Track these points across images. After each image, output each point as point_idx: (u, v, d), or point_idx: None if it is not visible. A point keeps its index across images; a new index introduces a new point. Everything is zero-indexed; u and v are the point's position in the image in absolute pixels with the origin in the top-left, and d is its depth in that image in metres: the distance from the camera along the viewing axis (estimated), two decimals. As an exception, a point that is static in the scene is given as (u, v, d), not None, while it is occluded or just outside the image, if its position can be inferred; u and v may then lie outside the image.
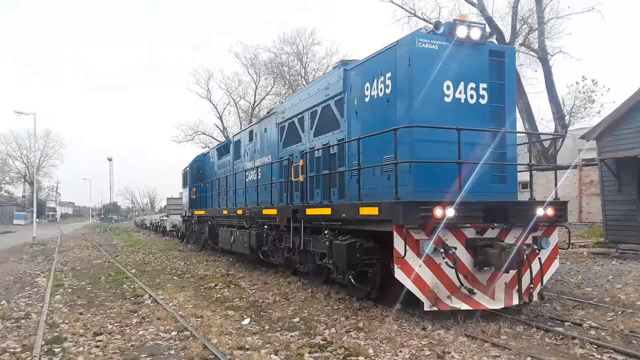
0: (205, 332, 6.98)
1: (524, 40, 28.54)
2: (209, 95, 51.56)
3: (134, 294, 10.32)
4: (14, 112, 34.31)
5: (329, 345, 6.30)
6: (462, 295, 7.30)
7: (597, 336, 6.52)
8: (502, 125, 8.16)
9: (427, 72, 7.69)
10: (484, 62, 8.11)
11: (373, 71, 8.59)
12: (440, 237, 7.16)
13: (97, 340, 6.79)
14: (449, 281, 7.25)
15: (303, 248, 10.11)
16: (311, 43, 43.73)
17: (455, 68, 7.87)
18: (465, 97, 7.97)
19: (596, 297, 9.04)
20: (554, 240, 8.15)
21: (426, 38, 7.82)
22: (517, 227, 7.69)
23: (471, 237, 7.46)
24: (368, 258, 7.96)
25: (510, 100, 8.37)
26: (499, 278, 7.43)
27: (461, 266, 7.28)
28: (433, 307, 7.21)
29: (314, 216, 9.43)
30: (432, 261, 7.18)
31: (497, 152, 8.04)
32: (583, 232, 18.72)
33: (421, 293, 7.14)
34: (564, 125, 27.66)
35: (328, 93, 10.13)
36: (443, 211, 6.94)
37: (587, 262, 13.66)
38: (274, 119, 13.13)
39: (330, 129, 10.09)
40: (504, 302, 7.52)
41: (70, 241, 30.77)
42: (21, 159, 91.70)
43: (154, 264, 16.20)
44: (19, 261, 18.16)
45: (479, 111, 8.02)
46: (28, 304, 9.55)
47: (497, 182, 8.21)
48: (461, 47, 7.92)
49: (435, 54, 7.76)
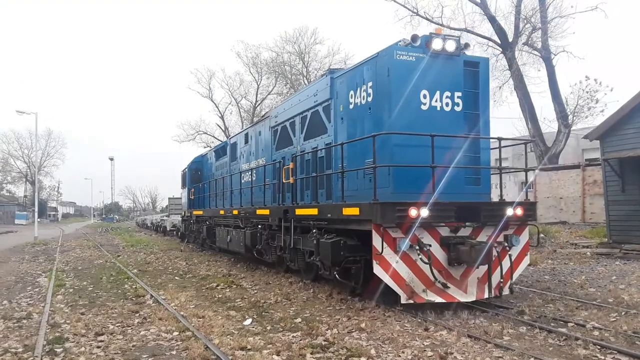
0: (207, 333, 6.96)
1: (527, 40, 28.45)
2: (211, 95, 51.64)
3: (136, 294, 10.30)
4: (16, 111, 34.24)
5: (331, 346, 6.27)
6: (436, 289, 7.78)
7: (601, 337, 6.47)
8: (476, 131, 8.76)
9: (405, 82, 8.31)
10: (459, 72, 8.69)
11: (356, 80, 9.17)
12: (416, 235, 7.70)
13: (99, 341, 6.78)
14: (424, 276, 7.76)
15: (293, 246, 10.59)
16: (313, 42, 43.76)
17: (431, 78, 8.45)
18: (441, 105, 8.55)
19: (600, 297, 9.00)
20: (524, 238, 8.71)
21: (404, 50, 8.39)
22: (489, 225, 8.22)
23: (445, 235, 7.99)
24: (351, 255, 8.45)
25: (484, 107, 8.95)
26: (472, 273, 7.95)
27: (436, 262, 7.80)
28: (409, 300, 7.71)
29: (303, 216, 9.96)
30: (409, 257, 7.70)
31: (471, 156, 8.65)
32: (586, 232, 18.67)
33: (398, 287, 7.67)
34: (567, 124, 27.58)
35: (317, 99, 10.67)
36: (417, 211, 7.49)
37: (590, 262, 13.62)
38: (267, 122, 13.72)
39: (319, 133, 10.64)
40: (475, 295, 8.00)
41: (71, 241, 30.81)
42: (23, 158, 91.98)
43: (156, 264, 16.19)
44: (20, 261, 18.18)
45: (454, 118, 8.59)
46: (30, 304, 9.55)
47: (472, 184, 8.80)
48: (437, 58, 8.51)
49: (413, 65, 8.35)
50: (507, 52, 27.93)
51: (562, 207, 23.83)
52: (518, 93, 28.37)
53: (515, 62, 27.95)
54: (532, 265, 13.11)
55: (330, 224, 9.15)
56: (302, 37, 43.49)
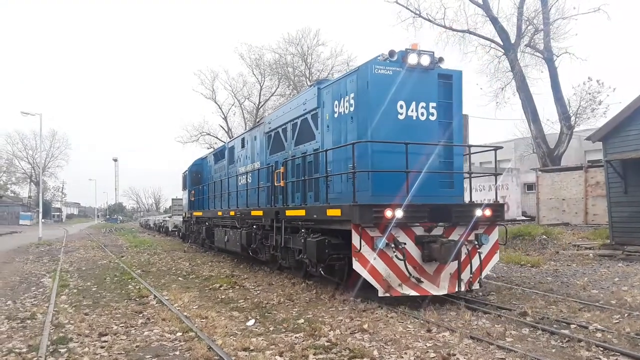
0: (210, 333, 6.99)
1: (530, 41, 28.43)
2: (214, 96, 51.56)
3: (139, 294, 10.34)
4: (20, 112, 34.24)
5: (333, 347, 6.29)
6: (411, 284, 8.46)
7: (604, 339, 6.48)
8: (449, 138, 9.47)
9: (383, 94, 8.96)
10: (433, 84, 9.38)
11: (340, 91, 9.84)
12: (392, 234, 8.32)
13: (103, 341, 6.82)
14: (400, 271, 8.40)
15: (284, 245, 11.23)
16: (316, 44, 43.72)
17: (407, 90, 9.11)
18: (417, 114, 9.23)
19: (602, 299, 8.99)
20: (494, 237, 9.39)
21: (382, 65, 9.03)
22: (460, 225, 8.89)
23: (420, 234, 8.65)
24: (335, 253, 9.13)
25: (457, 116, 9.63)
26: (445, 269, 8.64)
27: (411, 259, 8.45)
28: (386, 294, 8.34)
29: (292, 217, 10.70)
30: (385, 255, 8.34)
31: (445, 161, 9.39)
32: (589, 233, 18.62)
33: (376, 282, 8.31)
34: (570, 126, 27.54)
35: (305, 108, 11.35)
36: (392, 212, 8.14)
37: (592, 264, 13.60)
38: (262, 128, 14.44)
39: (308, 139, 11.31)
40: (447, 289, 8.70)
41: (75, 241, 30.90)
42: (27, 159, 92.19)
43: (159, 265, 16.23)
44: (24, 261, 18.27)
45: (429, 127, 9.28)
46: (34, 304, 9.60)
47: (446, 187, 9.48)
48: (413, 72, 9.15)
49: (390, 79, 9.01)
50: (509, 54, 27.91)
51: (565, 209, 23.79)
52: (520, 94, 28.35)
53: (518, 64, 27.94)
54: (534, 267, 13.13)
55: (316, 224, 9.80)
56: (305, 38, 43.53)
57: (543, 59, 27.97)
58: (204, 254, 19.44)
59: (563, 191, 23.85)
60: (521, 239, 17.55)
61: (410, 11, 29.57)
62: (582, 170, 23.29)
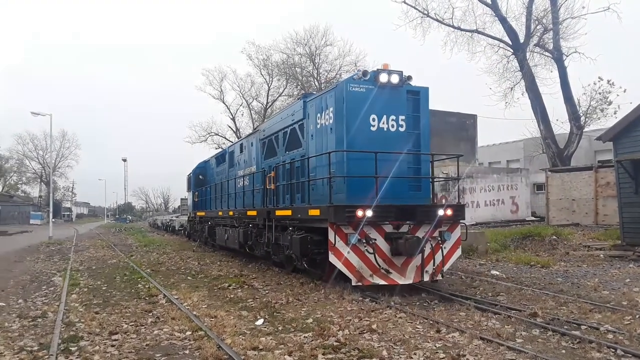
0: (220, 332, 7.01)
1: (539, 41, 28.26)
2: (222, 97, 51.64)
3: (149, 293, 10.40)
4: (31, 113, 34.41)
5: (342, 347, 6.29)
6: (381, 274, 9.51)
7: (615, 340, 6.43)
8: (418, 147, 10.56)
9: (357, 109, 10.11)
10: (403, 100, 10.49)
11: (322, 105, 10.97)
12: (364, 231, 9.41)
13: (113, 340, 6.86)
14: (371, 264, 9.48)
15: (275, 242, 12.39)
16: (324, 44, 43.64)
17: (379, 105, 10.24)
18: (387, 126, 10.35)
19: (613, 300, 8.92)
20: (456, 234, 10.38)
21: (356, 83, 10.20)
22: (426, 224, 9.90)
23: (389, 231, 9.72)
24: (317, 248, 10.27)
25: (424, 128, 10.70)
26: (411, 262, 9.69)
27: (381, 253, 9.55)
28: (358, 283, 9.45)
29: (281, 216, 11.87)
30: (358, 249, 9.43)
31: (413, 167, 10.53)
32: (599, 234, 18.50)
33: (349, 272, 9.43)
34: (580, 126, 27.35)
35: (294, 118, 12.59)
36: (363, 212, 9.23)
37: (603, 264, 13.50)
38: (258, 135, 15.69)
39: (296, 147, 12.49)
40: (413, 279, 9.74)
41: (85, 241, 31.11)
42: (37, 159, 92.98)
43: (168, 264, 16.31)
44: (35, 260, 18.42)
45: (398, 137, 10.36)
46: (45, 303, 9.69)
47: (414, 190, 10.54)
48: (384, 89, 10.27)
49: (363, 95, 10.18)
50: (518, 53, 27.76)
51: (575, 209, 23.63)
52: (529, 94, 28.18)
53: (527, 64, 27.78)
54: (544, 268, 13.05)
55: (301, 223, 10.98)
56: (313, 38, 43.46)
57: (552, 59, 27.79)
58: (213, 254, 19.51)
59: (573, 191, 23.69)
60: (531, 239, 17.45)
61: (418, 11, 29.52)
62: (592, 170, 23.12)
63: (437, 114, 36.99)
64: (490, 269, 13.08)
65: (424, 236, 9.68)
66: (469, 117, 38.53)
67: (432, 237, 9.85)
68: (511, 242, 17.36)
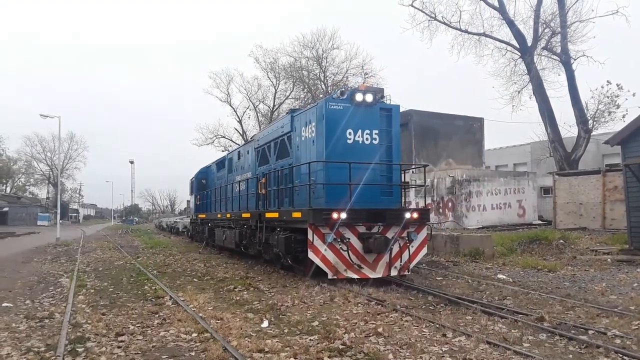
0: (225, 334, 7.02)
1: (547, 44, 28.19)
2: (229, 99, 51.83)
3: (155, 295, 10.43)
4: (40, 115, 34.63)
5: (348, 350, 6.28)
6: (354, 269, 10.82)
7: (622, 345, 6.38)
8: (389, 157, 11.88)
9: (336, 124, 11.42)
10: (376, 116, 11.79)
11: (306, 119, 12.36)
12: (339, 231, 10.67)
13: (119, 341, 6.88)
14: (346, 260, 10.77)
15: (265, 241, 13.51)
16: (331, 47, 43.74)
17: (355, 120, 11.53)
18: (362, 139, 11.63)
19: (621, 305, 8.86)
20: (422, 235, 11.71)
21: (334, 102, 11.56)
22: (395, 225, 11.16)
23: (362, 232, 10.98)
24: (300, 246, 11.32)
25: (395, 140, 12.01)
26: (382, 259, 10.99)
27: (354, 250, 10.85)
28: (334, 276, 10.72)
29: (270, 218, 13.12)
30: (334, 247, 10.70)
31: (385, 175, 11.86)
32: (607, 238, 18.37)
33: (326, 267, 10.70)
34: (587, 129, 27.23)
35: (283, 131, 13.93)
36: (338, 215, 10.50)
37: (611, 269, 13.40)
38: (253, 144, 17.12)
39: (285, 156, 13.85)
40: (382, 274, 11.00)
41: (92, 242, 31.24)
42: (45, 161, 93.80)
43: (174, 266, 16.35)
44: (42, 261, 18.51)
45: (372, 149, 11.65)
46: (52, 304, 9.73)
47: (386, 195, 11.87)
48: (360, 106, 11.59)
49: (341, 112, 11.48)
50: (525, 57, 27.69)
51: (582, 213, 23.51)
52: (537, 98, 28.10)
53: (534, 67, 27.71)
54: (551, 272, 12.98)
55: (286, 224, 12.17)
56: (320, 42, 43.57)
57: (560, 62, 27.70)
58: (219, 256, 19.54)
59: (580, 195, 23.56)
60: (538, 243, 17.35)
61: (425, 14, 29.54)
62: (599, 174, 23.00)
63: (444, 117, 37.01)
64: (497, 273, 13.02)
65: (393, 236, 10.99)
66: (475, 120, 38.42)
67: (400, 237, 11.15)
68: (518, 245, 17.27)
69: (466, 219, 28.85)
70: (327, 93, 42.98)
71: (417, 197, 32.49)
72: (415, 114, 36.08)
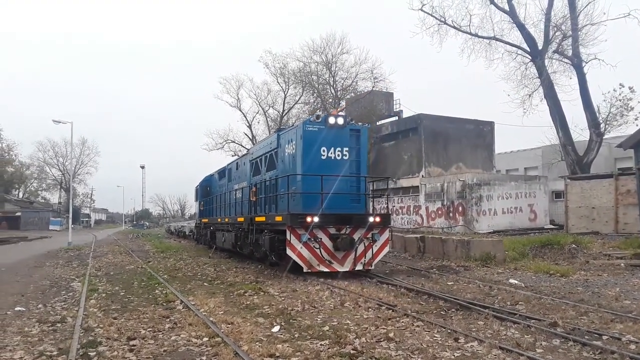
0: (236, 339, 7.02)
1: (558, 47, 28.02)
2: (239, 104, 51.98)
3: (166, 299, 10.46)
4: (52, 121, 34.94)
5: (359, 355, 6.25)
6: (325, 264, 13.04)
7: (637, 351, 6.29)
8: (358, 171, 14.10)
9: (312, 143, 13.57)
10: (347, 136, 13.99)
11: (289, 138, 14.66)
12: (313, 232, 12.88)
13: (131, 345, 6.90)
14: (318, 256, 12.99)
15: (255, 242, 15.84)
16: (340, 52, 43.68)
17: (329, 139, 13.73)
18: (334, 155, 13.79)
19: (635, 310, 8.74)
20: (385, 236, 13.87)
21: (311, 124, 13.75)
22: (361, 228, 13.30)
23: (333, 233, 13.15)
24: (282, 245, 13.29)
25: (363, 156, 14.30)
26: (350, 256, 13.22)
27: (326, 248, 13.04)
28: (308, 270, 12.92)
29: (259, 222, 15.44)
30: (308, 245, 12.90)
31: (354, 186, 14.08)
32: (620, 242, 18.15)
33: (301, 262, 12.89)
34: (599, 133, 26.98)
35: (271, 146, 16.31)
36: (311, 219, 12.71)
37: (624, 274, 13.25)
38: (248, 156, 19.60)
39: (272, 168, 16.11)
40: (349, 268, 13.18)
41: (104, 247, 31.43)
42: (58, 166, 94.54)
43: (185, 270, 16.39)
44: (55, 266, 18.65)
45: (343, 163, 13.83)
46: (64, 308, 9.80)
47: (355, 202, 14.07)
48: (332, 128, 13.79)
49: (316, 133, 13.68)
50: (536, 60, 27.52)
51: (595, 217, 23.28)
52: (548, 101, 27.91)
53: (545, 70, 27.53)
54: (564, 277, 12.85)
55: (271, 227, 14.26)
56: (330, 46, 43.54)
57: (571, 65, 27.50)
58: (229, 260, 19.57)
59: (593, 199, 23.34)
60: (550, 248, 17.18)
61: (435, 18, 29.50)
62: (612, 178, 22.77)
63: (454, 121, 36.89)
64: (509, 278, 12.91)
65: (359, 237, 13.17)
66: (486, 124, 38.23)
67: (365, 238, 13.29)
68: (530, 250, 17.12)
69: (477, 224, 28.68)
70: (336, 97, 43.02)
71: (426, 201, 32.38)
72: (425, 118, 35.98)
